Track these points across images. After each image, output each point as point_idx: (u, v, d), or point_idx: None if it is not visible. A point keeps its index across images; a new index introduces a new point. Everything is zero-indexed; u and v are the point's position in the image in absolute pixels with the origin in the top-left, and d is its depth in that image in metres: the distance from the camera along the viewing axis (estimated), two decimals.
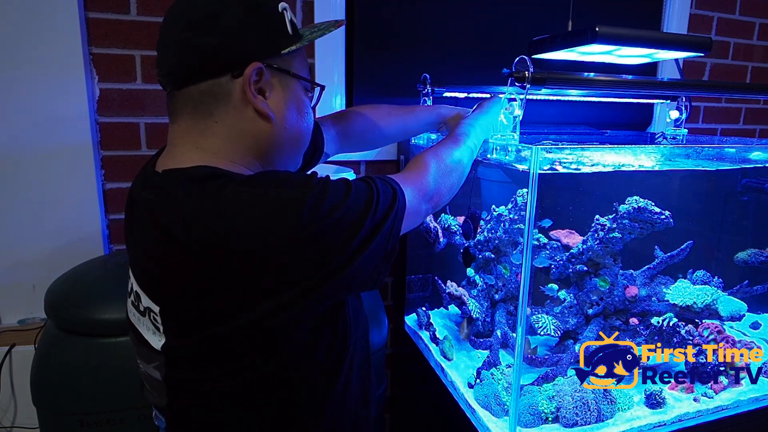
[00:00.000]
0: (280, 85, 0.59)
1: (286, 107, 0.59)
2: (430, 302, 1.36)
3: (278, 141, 0.60)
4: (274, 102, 0.58)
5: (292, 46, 0.58)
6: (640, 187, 1.00)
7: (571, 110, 1.55)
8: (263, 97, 0.57)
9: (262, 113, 0.57)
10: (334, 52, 1.28)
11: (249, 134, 0.58)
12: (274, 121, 0.58)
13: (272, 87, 0.58)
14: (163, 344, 0.55)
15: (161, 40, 0.57)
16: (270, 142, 0.59)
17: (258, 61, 0.55)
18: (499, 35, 1.40)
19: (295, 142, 0.63)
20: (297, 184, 0.51)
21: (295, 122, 0.61)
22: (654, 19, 1.62)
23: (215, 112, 0.56)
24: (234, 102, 0.56)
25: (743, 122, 1.88)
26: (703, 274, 1.14)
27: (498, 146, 0.85)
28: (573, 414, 0.89)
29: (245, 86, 0.55)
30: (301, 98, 0.62)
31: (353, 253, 0.52)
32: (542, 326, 1.06)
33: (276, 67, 0.57)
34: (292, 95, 0.60)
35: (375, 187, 0.57)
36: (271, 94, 0.58)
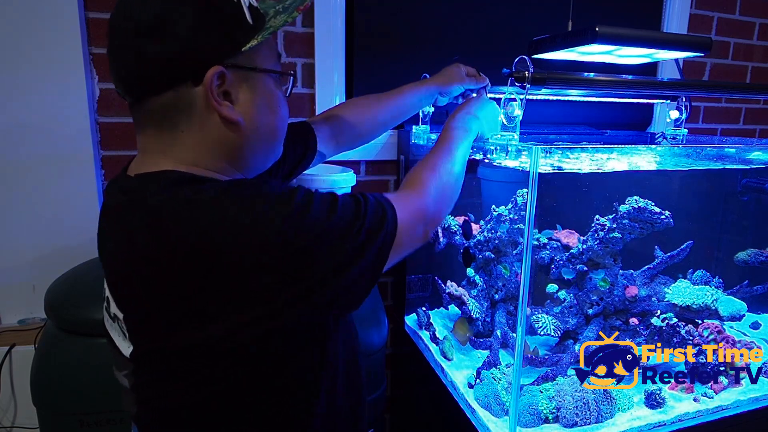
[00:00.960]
0: (246, 83, 0.55)
1: (255, 106, 0.56)
2: (430, 302, 1.36)
3: (250, 143, 0.57)
4: (242, 104, 0.54)
5: (252, 41, 0.53)
6: (640, 187, 1.00)
7: (571, 110, 1.55)
8: (229, 101, 0.53)
9: (229, 119, 0.53)
10: (334, 52, 1.28)
11: (219, 141, 0.54)
12: (243, 125, 0.55)
13: (237, 87, 0.54)
14: (131, 352, 0.54)
15: (111, 44, 0.52)
16: (241, 145, 0.56)
17: (217, 64, 0.51)
18: (499, 35, 1.40)
19: (270, 139, 0.60)
20: (278, 198, 0.49)
21: (266, 120, 0.57)
22: (654, 19, 1.62)
23: (180, 124, 0.53)
24: (198, 111, 0.52)
25: (743, 122, 1.88)
26: (703, 274, 1.14)
27: (498, 146, 0.85)
28: (573, 414, 0.89)
29: (207, 94, 0.51)
30: (271, 92, 0.58)
31: (330, 274, 0.49)
32: (542, 326, 1.06)
33: (239, 65, 0.53)
34: (261, 91, 0.56)
35: (364, 206, 0.53)
36: (238, 96, 0.54)
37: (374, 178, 1.40)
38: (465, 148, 0.75)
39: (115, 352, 0.58)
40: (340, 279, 0.50)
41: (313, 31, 1.25)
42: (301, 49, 1.26)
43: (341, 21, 1.27)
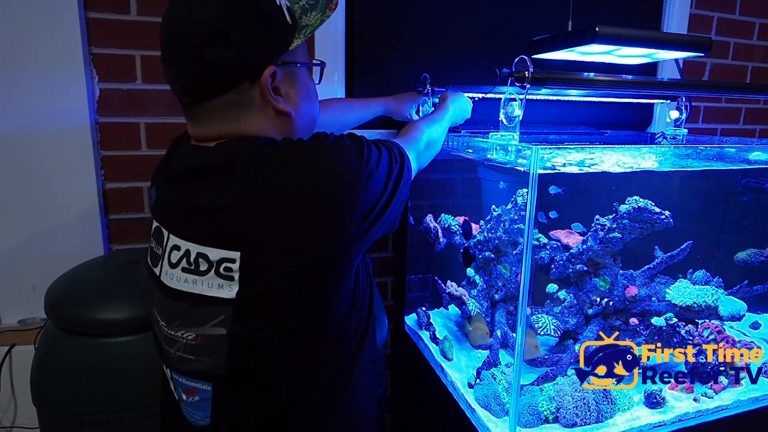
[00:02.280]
0: (291, 78, 0.63)
1: (299, 98, 0.65)
2: (430, 302, 1.36)
3: (299, 129, 0.66)
4: (290, 96, 0.63)
5: (297, 40, 0.61)
6: (640, 187, 1.00)
7: (571, 110, 1.55)
8: (280, 95, 0.62)
9: (282, 111, 0.62)
10: (334, 52, 1.28)
11: (274, 130, 0.63)
12: (293, 115, 0.64)
13: (285, 82, 0.62)
14: (238, 293, 0.56)
15: (169, 56, 0.58)
16: (292, 132, 0.65)
17: (272, 64, 0.59)
18: (499, 35, 1.40)
19: (311, 123, 0.69)
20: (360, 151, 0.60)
21: (308, 108, 0.67)
22: (654, 19, 1.62)
23: (242, 117, 0.60)
24: (256, 106, 0.60)
25: (743, 122, 1.88)
26: (703, 274, 1.14)
27: (498, 146, 0.85)
28: (573, 414, 0.89)
29: (264, 91, 0.59)
30: (308, 83, 0.67)
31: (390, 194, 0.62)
32: (542, 326, 1.06)
33: (286, 62, 0.61)
34: (302, 84, 0.65)
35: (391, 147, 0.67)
36: (286, 90, 0.62)
37: None
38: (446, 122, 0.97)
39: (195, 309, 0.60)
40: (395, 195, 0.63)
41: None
42: None
43: (341, 21, 1.27)
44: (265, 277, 0.56)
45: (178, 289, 0.62)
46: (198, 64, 0.56)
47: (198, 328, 0.61)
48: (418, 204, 1.33)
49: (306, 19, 0.63)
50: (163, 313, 0.63)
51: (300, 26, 0.62)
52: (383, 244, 1.46)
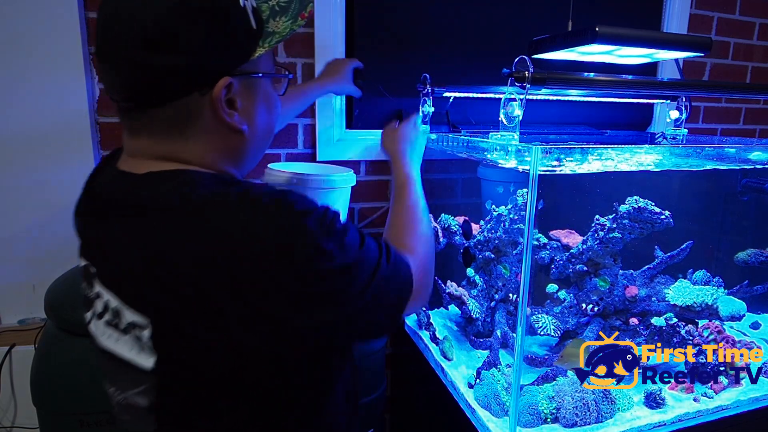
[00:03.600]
0: (250, 90, 0.55)
1: (256, 111, 0.57)
2: (430, 302, 1.36)
3: (252, 146, 0.58)
4: (245, 110, 0.55)
5: (260, 49, 0.54)
6: (640, 187, 1.00)
7: (571, 110, 1.55)
8: (234, 109, 0.53)
9: (234, 129, 0.54)
10: (334, 52, 1.28)
11: (224, 148, 0.55)
12: (246, 133, 0.56)
13: (242, 95, 0.54)
14: (155, 362, 0.50)
15: (105, 54, 0.49)
16: (245, 151, 0.57)
17: (227, 74, 0.51)
18: (499, 35, 1.40)
19: (267, 138, 0.62)
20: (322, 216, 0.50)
21: (265, 121, 0.59)
22: (654, 19, 1.62)
23: (186, 132, 0.52)
24: (204, 120, 0.52)
25: (743, 122, 1.88)
26: (703, 274, 1.14)
27: (498, 146, 0.85)
28: (573, 414, 0.89)
29: (215, 105, 0.51)
30: (269, 94, 0.59)
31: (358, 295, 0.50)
32: (542, 326, 1.06)
33: (245, 73, 0.54)
34: (262, 95, 0.57)
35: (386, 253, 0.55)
36: (243, 104, 0.54)
37: (374, 178, 1.40)
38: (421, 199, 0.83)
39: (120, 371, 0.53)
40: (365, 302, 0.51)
41: (313, 31, 1.25)
42: (301, 49, 1.26)
43: (341, 21, 1.27)
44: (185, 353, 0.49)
45: (102, 343, 0.55)
46: (139, 69, 0.48)
47: (122, 392, 0.55)
48: None
49: (274, 25, 0.55)
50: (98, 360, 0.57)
51: (266, 32, 0.55)
52: None
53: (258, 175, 1.29)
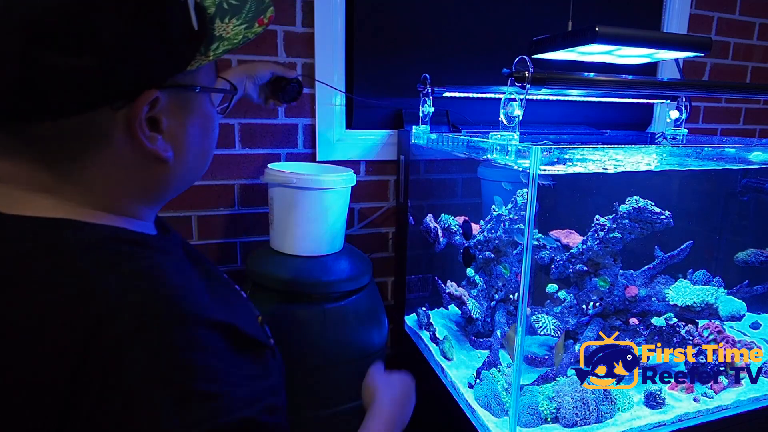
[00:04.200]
0: (181, 107, 0.43)
1: (187, 134, 0.44)
2: (430, 302, 1.36)
3: (177, 178, 0.45)
4: (172, 132, 0.42)
5: (202, 58, 0.42)
6: (640, 187, 1.00)
7: (571, 110, 1.55)
8: (158, 132, 0.41)
9: (155, 155, 0.41)
10: (334, 52, 1.28)
11: (136, 182, 0.42)
12: (171, 162, 0.43)
13: (169, 113, 0.41)
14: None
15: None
16: (166, 182, 0.44)
17: (153, 87, 0.38)
18: (499, 35, 1.40)
19: (199, 167, 0.48)
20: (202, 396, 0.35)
21: (198, 148, 0.46)
22: (654, 19, 1.62)
23: (82, 157, 0.38)
24: (114, 144, 0.39)
25: (743, 122, 1.88)
26: (703, 274, 1.14)
27: (498, 146, 0.85)
28: (573, 414, 0.89)
29: (132, 125, 0.39)
30: (206, 113, 0.46)
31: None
32: (542, 326, 1.06)
33: (178, 86, 0.41)
34: (196, 114, 0.45)
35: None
36: (168, 123, 0.41)
37: (374, 178, 1.40)
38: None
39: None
40: None
41: (313, 31, 1.25)
42: (301, 49, 1.26)
43: (341, 21, 1.27)
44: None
45: None
46: (26, 69, 0.34)
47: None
48: (418, 204, 1.33)
49: (222, 28, 0.43)
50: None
51: (212, 36, 0.43)
52: (383, 244, 1.46)
53: (257, 176, 1.29)
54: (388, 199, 1.43)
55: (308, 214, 1.06)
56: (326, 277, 1.05)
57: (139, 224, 0.44)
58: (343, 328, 1.06)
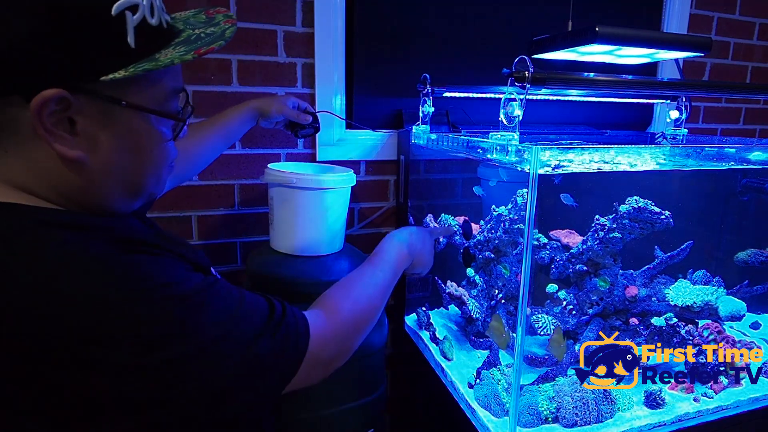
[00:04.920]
0: (101, 115, 0.44)
1: (109, 144, 0.45)
2: (430, 302, 1.36)
3: (99, 185, 0.46)
4: (91, 137, 0.44)
5: (118, 72, 0.42)
6: (640, 187, 1.00)
7: (571, 110, 1.55)
8: (70, 132, 0.43)
9: (63, 154, 0.43)
10: (334, 52, 1.28)
11: (54, 176, 0.44)
12: (88, 164, 0.44)
13: (87, 118, 0.43)
14: None
15: None
16: (86, 187, 0.45)
17: (62, 86, 0.40)
18: (499, 35, 1.40)
19: (131, 184, 0.49)
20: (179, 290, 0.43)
21: (127, 161, 0.47)
22: (654, 19, 1.62)
23: (3, 143, 0.42)
24: (24, 134, 0.42)
25: (743, 122, 1.88)
26: (703, 274, 1.14)
27: (498, 146, 0.85)
28: (573, 414, 0.89)
29: (32, 117, 0.40)
30: (137, 130, 0.46)
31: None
32: (542, 326, 1.06)
33: (93, 93, 0.42)
34: (121, 128, 0.45)
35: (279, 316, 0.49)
36: (84, 128, 0.43)
37: (374, 178, 1.40)
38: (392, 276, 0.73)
39: None
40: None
41: (313, 31, 1.25)
42: (301, 49, 1.26)
43: (341, 21, 1.27)
44: None
45: None
46: None
47: None
48: (418, 204, 1.33)
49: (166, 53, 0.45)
50: None
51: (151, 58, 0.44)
52: None
53: (257, 176, 1.29)
54: (388, 199, 1.43)
55: (308, 214, 1.06)
56: (326, 277, 1.05)
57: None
58: None
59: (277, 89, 1.26)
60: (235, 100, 1.23)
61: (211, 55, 1.19)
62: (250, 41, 1.22)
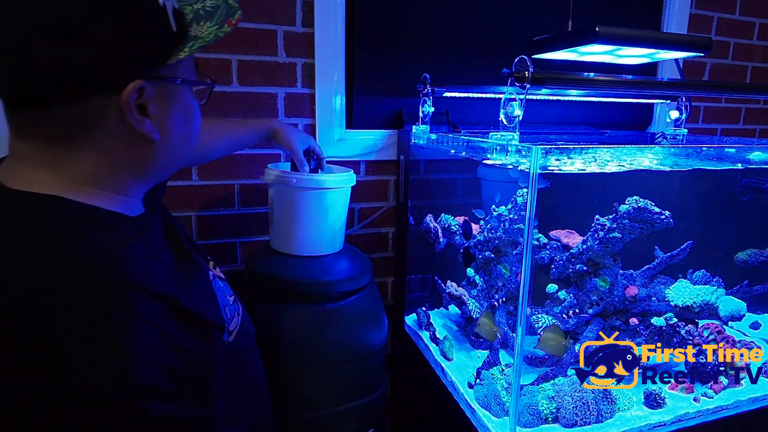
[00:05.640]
0: (164, 95, 0.50)
1: (171, 120, 0.51)
2: (430, 302, 1.36)
3: (162, 159, 0.53)
4: (158, 118, 0.50)
5: (180, 53, 0.48)
6: (640, 187, 1.00)
7: (571, 110, 1.55)
8: (146, 116, 0.48)
9: (144, 137, 0.49)
10: (334, 52, 1.28)
11: (127, 159, 0.50)
12: (158, 143, 0.50)
13: (155, 100, 0.49)
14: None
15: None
16: (153, 162, 0.52)
17: (139, 78, 0.46)
18: (499, 35, 1.40)
19: (183, 151, 0.56)
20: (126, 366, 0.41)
21: (181, 132, 0.54)
22: (654, 19, 1.62)
23: (81, 138, 0.46)
24: (108, 126, 0.46)
25: (743, 122, 1.88)
26: (703, 274, 1.14)
27: (498, 146, 0.85)
28: (573, 414, 0.89)
29: (123, 109, 0.46)
30: (188, 103, 0.54)
31: None
32: (542, 326, 1.06)
33: (161, 77, 0.49)
34: (179, 103, 0.52)
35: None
36: (155, 110, 0.49)
37: (374, 178, 1.40)
38: None
39: None
40: None
41: (313, 31, 1.25)
42: (301, 49, 1.26)
43: (341, 21, 1.27)
44: None
45: None
46: (33, 62, 0.41)
47: None
48: (418, 204, 1.33)
49: (198, 29, 0.51)
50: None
51: (188, 36, 0.50)
52: (383, 244, 1.46)
53: (257, 176, 1.29)
54: (388, 199, 1.43)
55: (308, 214, 1.07)
56: (326, 277, 1.05)
57: (122, 200, 0.51)
58: (343, 328, 1.06)
59: (277, 89, 1.26)
60: (235, 100, 1.23)
61: (211, 55, 1.19)
62: (250, 41, 1.22)
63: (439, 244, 1.25)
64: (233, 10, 0.53)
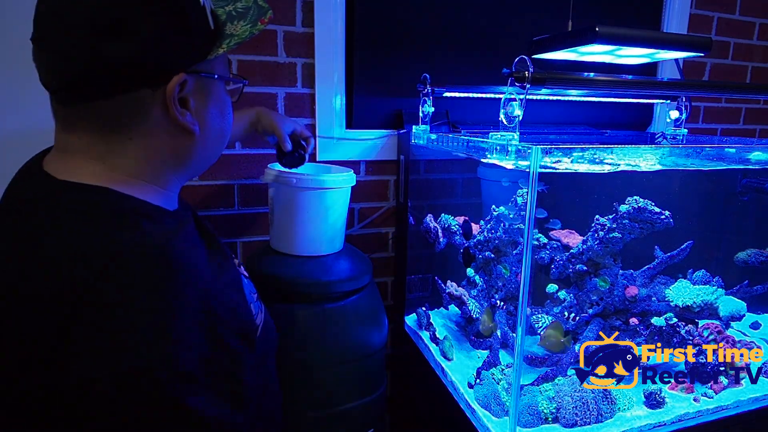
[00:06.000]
0: (203, 90, 0.53)
1: (209, 114, 0.55)
2: (430, 302, 1.36)
3: (201, 151, 0.56)
4: (198, 111, 0.53)
5: (218, 49, 0.52)
6: (640, 187, 1.00)
7: (571, 110, 1.55)
8: (187, 109, 0.51)
9: (185, 128, 0.52)
10: (334, 52, 1.28)
11: (169, 150, 0.52)
12: (197, 135, 0.53)
13: (195, 95, 0.52)
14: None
15: (44, 37, 0.46)
16: (192, 154, 0.55)
17: (183, 71, 0.49)
18: (499, 35, 1.40)
19: (218, 145, 0.59)
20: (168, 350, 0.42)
21: (218, 126, 0.57)
22: (654, 19, 1.62)
23: (128, 130, 0.49)
24: (153, 118, 0.49)
25: (743, 122, 1.88)
26: (703, 274, 1.14)
27: (498, 146, 0.85)
28: (573, 414, 0.89)
29: (168, 101, 0.49)
30: (222, 98, 0.57)
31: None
32: (542, 326, 1.06)
33: (200, 72, 0.52)
34: (215, 98, 0.55)
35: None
36: (194, 103, 0.52)
37: (374, 178, 1.40)
38: None
39: None
40: None
41: (313, 31, 1.25)
42: (301, 49, 1.26)
43: (341, 21, 1.27)
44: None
45: None
46: (90, 57, 0.44)
47: None
48: (418, 204, 1.33)
49: (232, 28, 0.54)
50: None
51: (224, 34, 0.53)
52: (383, 244, 1.46)
53: (257, 176, 1.29)
54: (388, 199, 1.43)
55: (308, 214, 1.07)
56: (326, 277, 1.05)
57: (163, 194, 0.54)
58: (343, 328, 1.06)
59: (277, 89, 1.26)
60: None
61: None
62: (250, 41, 1.21)
63: (439, 244, 1.25)
64: (264, 10, 0.57)
